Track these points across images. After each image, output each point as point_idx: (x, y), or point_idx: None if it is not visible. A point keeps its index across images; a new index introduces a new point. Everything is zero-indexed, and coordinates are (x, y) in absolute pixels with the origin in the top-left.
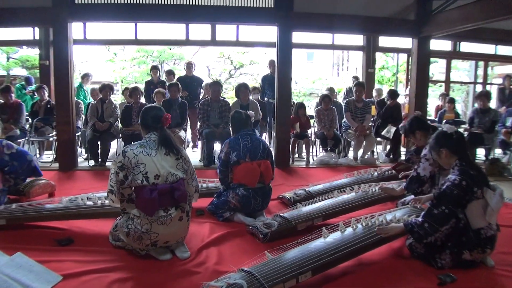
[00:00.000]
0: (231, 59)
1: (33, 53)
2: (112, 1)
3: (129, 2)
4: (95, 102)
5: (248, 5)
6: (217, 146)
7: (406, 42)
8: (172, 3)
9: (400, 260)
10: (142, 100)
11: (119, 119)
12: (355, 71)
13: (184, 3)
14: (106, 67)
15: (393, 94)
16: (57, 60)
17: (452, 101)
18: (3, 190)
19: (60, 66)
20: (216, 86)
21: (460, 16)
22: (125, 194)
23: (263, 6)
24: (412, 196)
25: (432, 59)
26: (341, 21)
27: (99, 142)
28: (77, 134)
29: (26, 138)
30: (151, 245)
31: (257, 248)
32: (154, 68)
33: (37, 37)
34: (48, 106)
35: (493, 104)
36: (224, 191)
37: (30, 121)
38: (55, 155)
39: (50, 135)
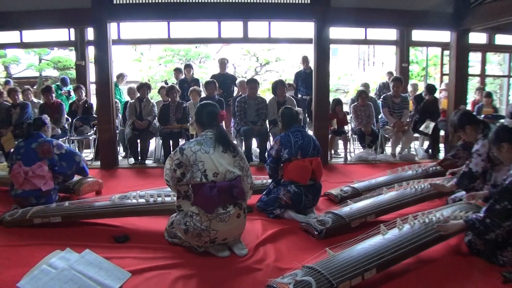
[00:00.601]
0: (257, 57)
1: (64, 54)
2: (149, 1)
3: (165, 1)
4: (133, 101)
5: (284, 1)
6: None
7: (440, 35)
8: (208, 1)
9: (460, 257)
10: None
11: (156, 118)
12: (381, 66)
13: (220, 1)
14: (133, 67)
15: (431, 89)
16: (97, 60)
17: (490, 95)
18: (54, 188)
19: (101, 66)
20: (253, 83)
21: (501, 9)
22: (182, 191)
23: (299, 2)
24: (463, 193)
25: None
26: (379, 15)
27: (138, 141)
28: None
29: (67, 137)
30: (210, 242)
31: (313, 245)
32: (188, 67)
33: (72, 38)
34: (86, 105)
35: None
36: (274, 188)
37: (69, 120)
38: (94, 154)
39: (88, 134)
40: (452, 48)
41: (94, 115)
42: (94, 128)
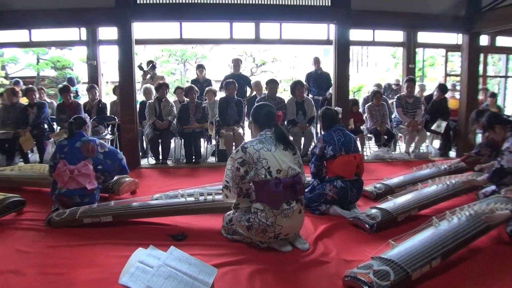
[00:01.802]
0: (254, 57)
1: (62, 54)
2: (172, 1)
3: (188, 2)
4: (152, 101)
5: (305, 4)
6: None
7: (445, 37)
8: (241, 2)
9: (504, 246)
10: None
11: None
12: (374, 67)
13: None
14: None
15: (444, 89)
16: (121, 59)
17: (494, 95)
18: (98, 187)
19: (124, 66)
20: (273, 83)
21: (505, 15)
22: (244, 189)
23: (320, 4)
24: (492, 187)
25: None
26: (396, 17)
27: (159, 141)
28: None
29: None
30: (274, 237)
31: (366, 238)
32: (200, 67)
33: (83, 38)
34: (100, 105)
35: None
36: (318, 184)
37: None
38: None
39: (104, 134)
40: (464, 50)
41: (108, 115)
42: (109, 128)
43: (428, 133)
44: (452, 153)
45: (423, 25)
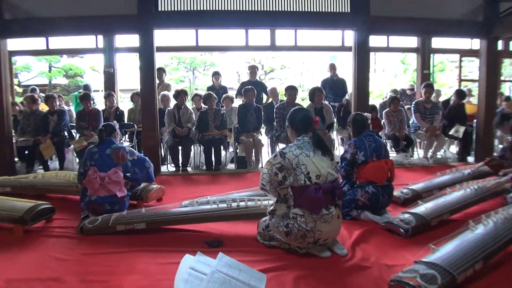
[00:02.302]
0: (262, 64)
1: (74, 62)
2: (194, 9)
3: (209, 9)
4: (171, 108)
5: (324, 10)
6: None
7: (459, 43)
8: (259, 9)
9: None
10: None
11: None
12: (382, 72)
13: (269, 9)
14: (137, 74)
15: (461, 94)
16: (143, 67)
17: (509, 99)
18: (128, 194)
19: (146, 73)
20: (292, 90)
21: None
22: (281, 194)
23: (339, 11)
24: None
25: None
26: (415, 24)
27: (179, 148)
28: None
29: None
30: (313, 243)
31: (403, 243)
32: (216, 74)
33: (99, 45)
34: (117, 112)
35: None
36: (349, 190)
37: None
38: None
39: (121, 141)
40: (482, 55)
41: (127, 122)
42: (126, 135)
43: (445, 138)
44: (470, 158)
45: (441, 31)
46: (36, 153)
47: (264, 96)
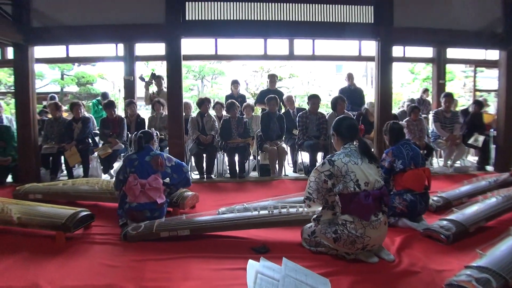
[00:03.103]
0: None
1: (86, 70)
2: (219, 18)
3: (233, 18)
4: (195, 116)
5: (348, 21)
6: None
7: (473, 53)
8: (279, 19)
9: None
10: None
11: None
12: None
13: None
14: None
15: (480, 103)
16: (169, 75)
17: None
18: (166, 201)
19: (173, 81)
20: (315, 99)
21: None
22: (329, 201)
23: (363, 21)
24: None
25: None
26: (435, 35)
27: (204, 155)
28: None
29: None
30: (361, 248)
31: (446, 249)
32: (235, 83)
33: (119, 54)
34: (138, 120)
35: None
36: None
37: (130, 136)
38: None
39: None
40: (501, 66)
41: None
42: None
43: (465, 147)
44: (489, 167)
45: (461, 42)
46: (60, 160)
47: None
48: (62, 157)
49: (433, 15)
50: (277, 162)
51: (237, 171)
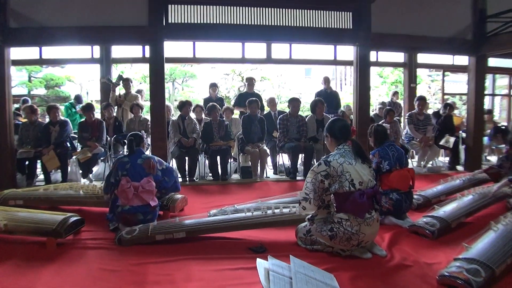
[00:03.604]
0: (242, 76)
1: (55, 72)
2: (202, 22)
3: (217, 23)
4: (176, 118)
5: (328, 26)
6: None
7: (442, 58)
8: (280, 24)
9: None
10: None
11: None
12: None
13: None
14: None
15: (452, 106)
16: (153, 78)
17: (490, 112)
18: (159, 204)
19: (156, 84)
20: (296, 102)
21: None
22: (326, 201)
23: (342, 27)
24: None
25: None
26: (412, 41)
27: (186, 158)
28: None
29: (112, 155)
30: (356, 245)
31: (432, 243)
32: (213, 86)
33: (95, 56)
34: (116, 123)
35: None
36: None
37: (109, 139)
38: None
39: (120, 152)
40: (471, 71)
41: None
42: (125, 147)
43: (438, 148)
44: (459, 167)
45: (434, 48)
46: (36, 165)
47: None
48: (39, 162)
49: (408, 22)
50: (258, 164)
51: (220, 174)
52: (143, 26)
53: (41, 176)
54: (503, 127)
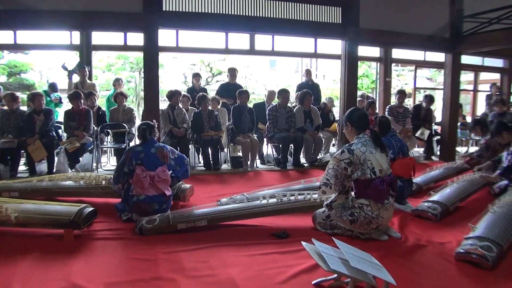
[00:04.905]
0: (211, 67)
1: (18, 58)
2: (199, 11)
3: (215, 12)
4: (166, 108)
5: (317, 20)
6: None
7: (415, 54)
8: (280, 17)
9: None
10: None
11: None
12: (323, 79)
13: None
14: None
15: (432, 99)
16: (147, 66)
17: (460, 106)
18: (172, 194)
19: (150, 73)
20: (285, 93)
21: (489, 39)
22: (347, 186)
23: (332, 21)
24: (505, 182)
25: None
26: (396, 37)
27: (178, 148)
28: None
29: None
30: (375, 228)
31: (436, 225)
32: (196, 76)
33: (74, 42)
34: (100, 113)
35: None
36: None
37: (95, 128)
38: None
39: (105, 142)
40: (447, 68)
41: (118, 123)
42: (109, 137)
43: (415, 139)
44: (435, 158)
45: (414, 44)
46: (20, 155)
47: None
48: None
49: (392, 19)
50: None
51: (212, 164)
52: (138, 13)
53: (21, 167)
54: (482, 120)
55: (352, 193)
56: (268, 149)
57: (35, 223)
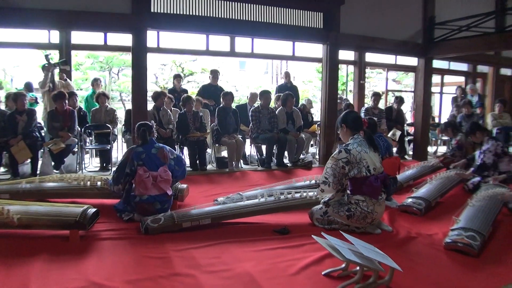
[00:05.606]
0: (182, 67)
1: None
2: (188, 13)
3: (201, 14)
4: (151, 109)
5: (300, 25)
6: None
7: (385, 58)
8: (263, 20)
9: None
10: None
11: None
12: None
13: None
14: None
15: (402, 100)
16: (135, 67)
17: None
18: (172, 194)
19: (138, 73)
20: (267, 94)
21: (458, 45)
22: (344, 184)
23: (313, 26)
24: (478, 178)
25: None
26: (374, 42)
27: None
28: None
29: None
30: (370, 222)
31: (421, 219)
32: (178, 77)
33: (53, 41)
34: (81, 113)
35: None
36: None
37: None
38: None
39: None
40: (419, 72)
41: (102, 124)
42: (91, 137)
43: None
44: (408, 158)
45: (389, 49)
46: (1, 156)
47: None
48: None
49: (369, 25)
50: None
51: (198, 164)
52: (126, 14)
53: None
54: (453, 122)
55: (348, 190)
56: (251, 149)
57: (40, 224)
